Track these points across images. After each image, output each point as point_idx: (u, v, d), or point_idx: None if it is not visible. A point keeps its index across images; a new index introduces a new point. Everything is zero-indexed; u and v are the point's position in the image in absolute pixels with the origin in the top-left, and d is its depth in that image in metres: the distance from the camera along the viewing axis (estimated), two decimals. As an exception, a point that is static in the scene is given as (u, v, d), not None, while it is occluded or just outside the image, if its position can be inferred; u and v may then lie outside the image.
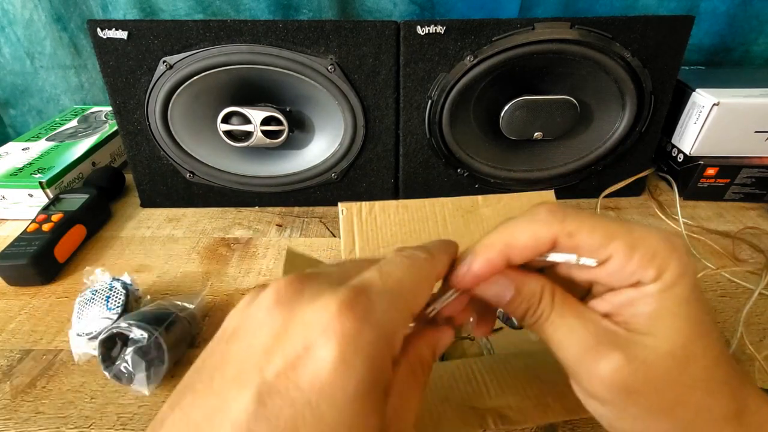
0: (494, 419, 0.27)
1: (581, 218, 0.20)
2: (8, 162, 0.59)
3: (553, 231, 0.20)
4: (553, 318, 0.20)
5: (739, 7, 0.68)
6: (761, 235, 0.52)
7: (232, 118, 0.53)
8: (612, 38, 0.49)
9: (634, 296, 0.19)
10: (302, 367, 0.14)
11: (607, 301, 0.20)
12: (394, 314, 0.16)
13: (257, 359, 0.15)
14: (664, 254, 0.19)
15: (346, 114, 0.53)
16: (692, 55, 0.72)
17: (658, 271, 0.19)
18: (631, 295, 0.19)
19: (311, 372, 0.14)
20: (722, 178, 0.57)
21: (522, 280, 0.21)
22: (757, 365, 0.36)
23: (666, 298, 0.19)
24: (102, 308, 0.38)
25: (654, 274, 0.19)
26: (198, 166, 0.56)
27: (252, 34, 0.49)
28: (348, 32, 0.49)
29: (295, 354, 0.15)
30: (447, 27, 0.48)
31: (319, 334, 0.15)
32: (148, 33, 0.49)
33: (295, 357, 0.15)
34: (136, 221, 0.57)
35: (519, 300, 0.21)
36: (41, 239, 0.47)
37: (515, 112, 0.53)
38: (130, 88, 0.52)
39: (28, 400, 0.35)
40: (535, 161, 0.58)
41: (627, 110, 0.53)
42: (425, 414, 0.27)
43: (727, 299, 0.43)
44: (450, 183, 0.59)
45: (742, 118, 0.54)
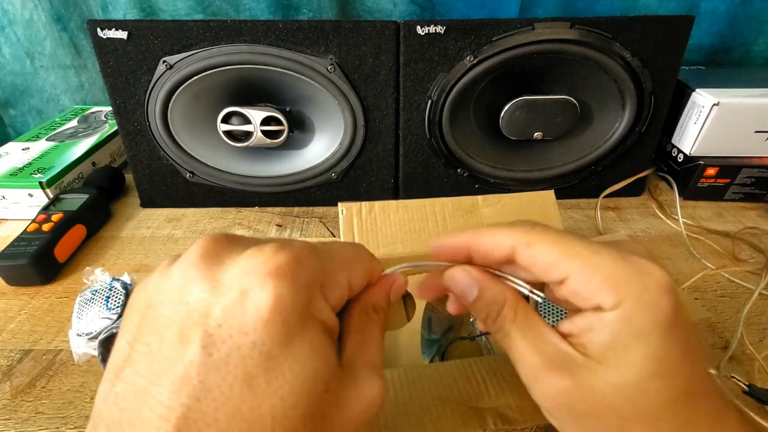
0: (494, 419, 0.27)
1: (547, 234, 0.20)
2: (8, 162, 0.59)
3: (513, 238, 0.20)
4: (513, 333, 0.21)
5: (739, 7, 0.68)
6: (761, 235, 0.52)
7: (232, 118, 0.53)
8: (612, 38, 0.49)
9: (593, 321, 0.19)
10: (242, 312, 0.14)
11: (572, 322, 0.20)
12: (334, 267, 0.18)
13: (196, 314, 0.15)
14: (629, 282, 0.18)
15: (346, 114, 0.53)
16: (692, 55, 0.72)
17: (617, 299, 0.18)
18: (591, 320, 0.19)
19: (252, 314, 0.14)
20: (722, 178, 0.57)
21: (487, 285, 0.21)
22: (757, 365, 0.36)
23: (622, 329, 0.18)
24: (102, 308, 0.38)
25: (613, 302, 0.18)
26: (198, 166, 0.56)
27: (252, 34, 0.49)
28: (348, 32, 0.49)
29: (233, 301, 0.15)
30: (447, 27, 0.48)
31: (255, 278, 0.15)
32: (148, 33, 0.49)
33: (234, 304, 0.15)
34: (136, 221, 0.57)
35: (480, 303, 0.21)
36: (41, 239, 0.47)
37: (515, 112, 0.53)
38: (130, 88, 0.52)
39: (27, 400, 0.35)
40: (535, 161, 0.58)
41: (627, 110, 0.53)
42: (425, 414, 0.27)
43: (727, 299, 0.43)
44: (450, 183, 0.59)
45: (742, 118, 0.54)
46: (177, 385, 0.14)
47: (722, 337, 0.39)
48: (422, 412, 0.27)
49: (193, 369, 0.14)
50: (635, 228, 0.55)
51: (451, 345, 0.38)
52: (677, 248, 0.51)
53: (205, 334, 0.14)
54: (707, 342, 0.39)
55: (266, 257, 0.16)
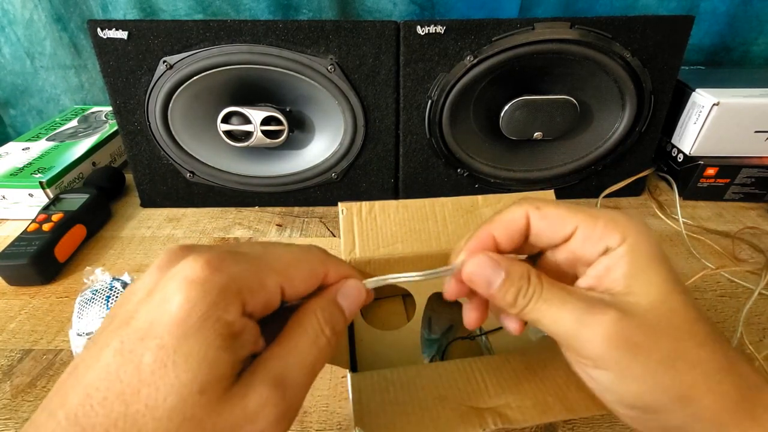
0: (494, 418, 0.27)
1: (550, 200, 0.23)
2: (8, 162, 0.59)
3: (524, 208, 0.23)
4: (546, 296, 0.21)
5: (739, 7, 0.68)
6: (761, 235, 0.52)
7: (232, 118, 0.53)
8: (612, 38, 0.49)
9: (608, 263, 0.21)
10: (159, 316, 0.16)
11: (587, 276, 0.22)
12: (252, 276, 0.18)
13: (128, 314, 0.17)
14: (624, 222, 0.21)
15: (346, 114, 0.53)
16: (692, 55, 0.72)
17: (621, 235, 0.21)
18: (605, 263, 0.21)
19: (164, 316, 0.16)
20: (722, 178, 0.57)
21: (510, 263, 0.22)
22: (757, 365, 0.36)
23: (635, 257, 0.21)
24: (102, 308, 0.38)
25: (619, 238, 0.21)
26: (198, 166, 0.56)
27: (252, 34, 0.49)
28: (348, 32, 0.49)
29: (155, 305, 0.17)
30: (447, 27, 0.48)
31: (175, 283, 0.17)
32: (148, 33, 0.49)
33: (155, 306, 0.17)
34: (136, 221, 0.57)
35: (509, 283, 0.22)
36: (41, 239, 0.47)
37: (515, 112, 0.53)
38: (130, 88, 0.52)
39: (28, 399, 0.35)
40: (535, 161, 0.58)
41: (627, 110, 0.53)
42: (425, 413, 0.27)
43: (727, 299, 0.43)
44: (450, 183, 0.59)
45: (742, 118, 0.54)
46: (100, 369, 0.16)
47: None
48: (422, 412, 0.27)
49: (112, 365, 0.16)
50: (635, 228, 0.55)
51: (451, 345, 0.38)
52: (677, 248, 0.51)
53: (126, 333, 0.16)
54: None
55: (188, 265, 0.17)
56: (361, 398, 0.28)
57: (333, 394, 0.35)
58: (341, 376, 0.36)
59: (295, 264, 0.20)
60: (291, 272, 0.20)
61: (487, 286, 0.22)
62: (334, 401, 0.34)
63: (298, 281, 0.20)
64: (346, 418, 0.33)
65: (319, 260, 0.22)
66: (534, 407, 0.28)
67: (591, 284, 0.22)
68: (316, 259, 0.21)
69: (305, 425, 0.33)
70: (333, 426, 0.33)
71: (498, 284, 0.22)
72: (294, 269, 0.20)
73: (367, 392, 0.29)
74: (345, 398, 0.35)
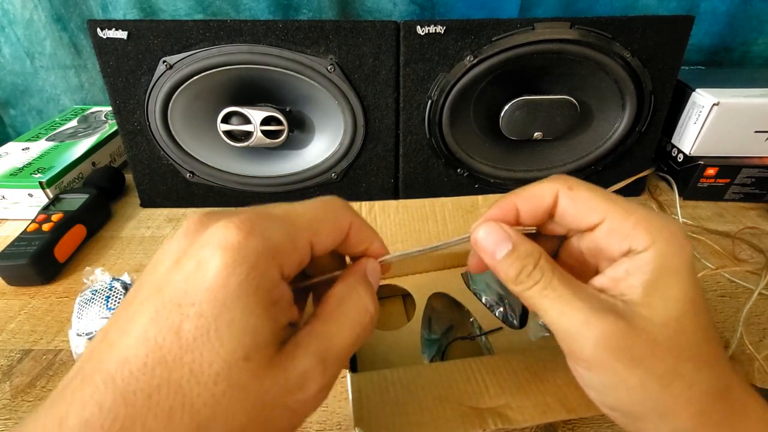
0: (494, 419, 0.27)
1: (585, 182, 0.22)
2: (8, 162, 0.59)
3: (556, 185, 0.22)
4: (555, 285, 0.20)
5: (739, 7, 0.68)
6: (761, 235, 0.52)
7: (232, 118, 0.53)
8: (612, 38, 0.49)
9: (629, 266, 0.20)
10: (194, 283, 0.16)
11: (604, 275, 0.21)
12: (284, 237, 0.18)
13: (160, 281, 0.17)
14: (658, 224, 0.20)
15: (346, 114, 0.53)
16: (692, 55, 0.72)
17: (651, 238, 0.19)
18: (627, 265, 0.20)
19: (200, 283, 0.16)
20: (722, 178, 0.57)
21: (521, 239, 0.22)
22: (757, 365, 0.36)
23: (659, 267, 0.19)
24: (102, 308, 0.38)
25: (648, 241, 0.19)
26: (198, 166, 0.56)
27: (252, 34, 0.49)
28: (348, 32, 0.49)
29: (189, 271, 0.16)
30: (447, 27, 0.48)
31: (209, 249, 0.16)
32: (148, 33, 0.49)
33: (192, 272, 0.16)
34: (136, 221, 0.57)
35: (514, 257, 0.21)
36: (41, 239, 0.47)
37: (515, 112, 0.53)
38: (130, 88, 0.52)
39: (28, 399, 0.35)
40: (535, 161, 0.58)
41: (627, 110, 0.53)
42: (425, 413, 0.27)
43: (727, 299, 0.43)
44: (450, 183, 0.59)
45: (742, 118, 0.54)
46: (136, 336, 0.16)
47: (722, 337, 0.39)
48: (422, 412, 0.27)
49: (150, 330, 0.16)
50: (635, 228, 0.55)
51: (451, 345, 0.38)
52: (677, 248, 0.51)
53: (161, 300, 0.16)
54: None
55: (220, 231, 0.17)
56: (360, 398, 0.28)
57: (333, 394, 0.35)
58: (341, 376, 0.36)
59: (322, 219, 0.20)
60: (318, 228, 0.20)
61: (491, 255, 0.22)
62: (334, 401, 0.34)
63: (325, 236, 0.20)
64: (346, 418, 0.33)
65: (342, 212, 0.22)
66: (534, 407, 0.27)
67: (605, 285, 0.21)
68: (339, 211, 0.21)
69: (305, 425, 0.33)
70: (333, 426, 0.33)
71: (503, 255, 0.21)
72: (321, 225, 0.20)
73: (367, 392, 0.29)
74: (345, 398, 0.34)
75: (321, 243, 0.20)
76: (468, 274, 0.41)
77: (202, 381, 0.15)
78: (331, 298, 0.20)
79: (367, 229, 0.23)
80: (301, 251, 0.19)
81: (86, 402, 0.15)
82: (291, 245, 0.18)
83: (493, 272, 0.23)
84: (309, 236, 0.19)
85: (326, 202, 0.21)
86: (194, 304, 0.16)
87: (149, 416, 0.15)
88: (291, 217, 0.19)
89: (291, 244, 0.18)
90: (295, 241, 0.18)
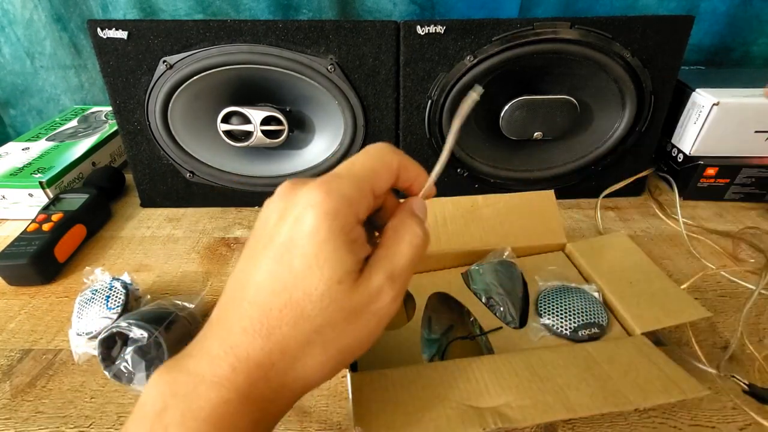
0: (494, 418, 0.27)
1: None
2: (8, 162, 0.59)
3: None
4: None
5: (739, 7, 0.68)
6: (761, 235, 0.52)
7: (232, 118, 0.53)
8: (612, 38, 0.49)
9: None
10: (297, 233, 0.22)
11: None
12: (354, 190, 0.23)
13: (272, 233, 0.23)
14: None
15: (346, 114, 0.53)
16: (692, 55, 0.72)
17: None
18: None
19: (301, 232, 0.22)
20: (722, 178, 0.57)
21: None
22: (757, 365, 0.36)
23: None
24: (102, 308, 0.38)
25: None
26: (198, 166, 0.56)
27: (252, 34, 0.49)
28: (348, 32, 0.49)
29: (292, 224, 0.22)
30: (447, 27, 0.48)
31: (303, 207, 0.22)
32: (148, 33, 0.49)
33: (293, 225, 0.22)
34: (136, 221, 0.57)
35: None
36: (41, 239, 0.47)
37: (515, 112, 0.53)
38: (130, 88, 0.52)
39: (28, 399, 0.35)
40: (535, 161, 0.58)
41: (627, 110, 0.53)
42: (424, 413, 0.27)
43: (727, 299, 0.43)
44: (450, 183, 0.59)
45: (742, 118, 0.54)
46: (263, 273, 0.22)
47: (722, 337, 0.39)
48: (422, 411, 0.27)
49: (272, 267, 0.22)
50: (635, 228, 0.55)
51: (451, 344, 0.38)
52: (677, 248, 0.51)
53: (276, 246, 0.22)
54: (707, 342, 0.39)
55: (308, 193, 0.22)
56: (361, 397, 0.28)
57: (333, 394, 0.35)
58: (341, 376, 0.36)
59: (378, 166, 0.25)
60: (375, 175, 0.25)
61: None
62: (334, 401, 0.34)
63: (382, 180, 0.25)
64: (346, 418, 0.33)
65: (390, 156, 0.26)
66: (534, 407, 0.28)
67: None
68: (388, 156, 0.26)
69: (305, 425, 0.33)
70: (333, 426, 0.33)
71: None
72: (377, 172, 0.25)
73: (367, 391, 0.29)
74: (345, 398, 0.34)
75: (379, 187, 0.25)
76: (468, 274, 0.41)
77: (313, 299, 0.21)
78: (389, 230, 0.25)
79: (413, 165, 0.28)
80: (367, 197, 0.24)
81: (242, 316, 0.22)
82: (359, 194, 0.23)
83: None
84: (371, 183, 0.24)
85: (378, 149, 0.26)
86: (299, 247, 0.21)
87: (282, 325, 0.21)
88: (354, 172, 0.24)
89: (359, 194, 0.23)
90: (362, 190, 0.23)
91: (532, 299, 0.39)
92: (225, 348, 0.21)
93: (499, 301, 0.38)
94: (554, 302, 0.37)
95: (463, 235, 0.42)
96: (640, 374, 0.30)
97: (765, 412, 0.32)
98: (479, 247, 0.42)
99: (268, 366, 0.21)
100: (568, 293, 0.37)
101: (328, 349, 0.22)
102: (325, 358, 0.22)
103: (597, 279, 0.39)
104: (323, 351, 0.22)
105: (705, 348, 0.38)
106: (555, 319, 0.36)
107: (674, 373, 0.30)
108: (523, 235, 0.43)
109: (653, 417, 0.33)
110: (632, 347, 0.32)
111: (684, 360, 0.36)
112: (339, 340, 0.22)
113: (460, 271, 0.42)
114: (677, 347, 0.38)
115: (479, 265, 0.41)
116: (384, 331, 0.36)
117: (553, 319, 0.36)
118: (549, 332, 0.36)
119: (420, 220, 0.26)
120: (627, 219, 0.57)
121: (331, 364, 0.23)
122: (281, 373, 0.22)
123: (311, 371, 0.22)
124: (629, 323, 0.35)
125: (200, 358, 0.22)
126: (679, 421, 0.32)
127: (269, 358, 0.21)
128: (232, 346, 0.21)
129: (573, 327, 0.35)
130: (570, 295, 0.37)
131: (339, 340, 0.22)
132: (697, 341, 0.38)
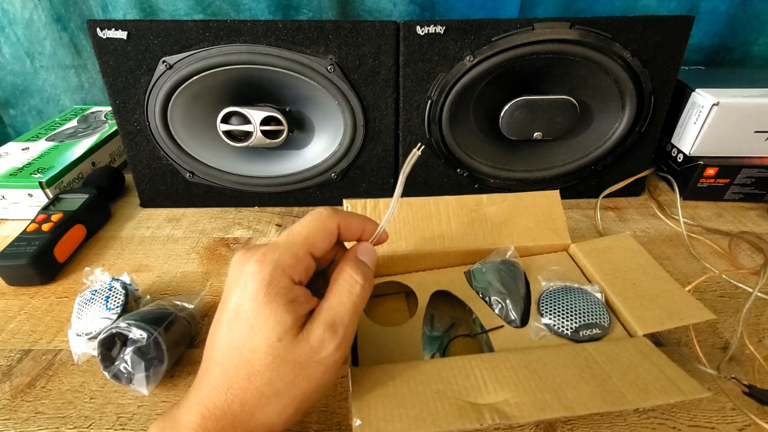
0: (491, 414, 0.27)
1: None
2: (8, 162, 0.59)
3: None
4: None
5: (739, 7, 0.68)
6: (761, 235, 0.52)
7: (231, 118, 0.53)
8: (612, 38, 0.49)
9: None
10: (242, 297, 0.25)
11: None
12: (288, 257, 0.26)
13: (227, 299, 0.26)
14: None
15: (345, 114, 0.53)
16: (692, 55, 0.72)
17: None
18: None
19: (245, 298, 0.25)
20: (722, 178, 0.57)
21: None
22: (757, 365, 0.36)
23: None
24: (101, 308, 0.38)
25: None
26: (198, 166, 0.56)
27: (252, 34, 0.49)
28: (348, 32, 0.49)
29: (240, 291, 0.25)
30: (447, 27, 0.48)
31: (247, 276, 0.25)
32: (148, 33, 0.49)
33: (240, 292, 0.25)
34: (136, 221, 0.57)
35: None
36: (41, 239, 0.47)
37: (515, 112, 0.53)
38: (130, 88, 0.52)
39: (27, 400, 0.35)
40: (535, 161, 0.58)
41: (627, 110, 0.53)
42: (423, 407, 0.27)
43: (727, 299, 0.43)
44: (450, 183, 0.59)
45: (742, 118, 0.54)
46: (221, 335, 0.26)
47: (722, 337, 0.39)
48: (420, 406, 0.27)
49: (224, 328, 0.25)
50: (635, 228, 0.55)
51: (452, 342, 0.38)
52: (677, 248, 0.51)
53: (227, 311, 0.25)
54: (707, 342, 0.39)
55: (249, 265, 0.25)
56: (360, 391, 0.28)
57: (333, 394, 0.35)
58: (341, 377, 0.36)
59: (313, 231, 0.27)
60: (312, 239, 0.27)
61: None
62: (333, 401, 0.34)
63: (319, 243, 0.27)
64: (345, 418, 0.33)
65: (329, 219, 0.28)
66: (532, 404, 0.28)
67: None
68: (326, 219, 0.28)
69: (305, 425, 0.33)
70: (332, 426, 0.33)
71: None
72: (313, 236, 0.27)
73: (367, 385, 0.29)
74: (345, 398, 0.34)
75: (318, 249, 0.27)
76: (471, 273, 0.41)
77: (259, 356, 0.24)
78: (331, 281, 0.27)
79: (356, 220, 0.29)
80: (303, 261, 0.26)
81: (209, 373, 0.25)
82: (294, 260, 0.26)
83: None
84: (306, 248, 0.26)
85: (314, 216, 0.28)
86: (244, 312, 0.25)
87: (239, 380, 0.24)
88: (290, 240, 0.27)
89: (294, 260, 0.26)
90: (297, 255, 0.26)
91: (534, 299, 0.39)
92: (197, 399, 0.25)
93: (501, 300, 0.38)
94: (556, 302, 0.37)
95: (467, 233, 0.42)
96: (640, 374, 0.30)
97: (764, 414, 0.32)
98: (482, 246, 0.42)
99: (231, 416, 0.24)
100: (570, 293, 0.37)
101: (282, 398, 0.25)
102: (281, 407, 0.25)
103: (600, 280, 0.39)
104: (278, 401, 0.25)
105: (705, 348, 0.38)
106: (556, 318, 0.36)
107: (674, 374, 0.30)
108: (526, 235, 0.43)
109: (652, 417, 0.33)
110: (632, 348, 0.32)
111: (684, 361, 0.36)
112: (290, 390, 0.25)
113: (463, 270, 0.42)
114: (677, 348, 0.38)
115: (482, 263, 0.41)
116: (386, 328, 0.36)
117: (554, 319, 0.36)
118: (550, 332, 0.36)
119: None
120: (627, 219, 0.57)
121: (289, 412, 0.25)
122: (245, 421, 0.24)
123: (271, 419, 0.25)
124: (631, 324, 0.35)
125: (182, 408, 0.25)
126: (678, 422, 0.32)
127: (231, 408, 0.24)
128: (202, 398, 0.25)
129: (574, 327, 0.35)
130: (572, 295, 0.37)
131: (290, 390, 0.25)
132: (697, 342, 0.38)
